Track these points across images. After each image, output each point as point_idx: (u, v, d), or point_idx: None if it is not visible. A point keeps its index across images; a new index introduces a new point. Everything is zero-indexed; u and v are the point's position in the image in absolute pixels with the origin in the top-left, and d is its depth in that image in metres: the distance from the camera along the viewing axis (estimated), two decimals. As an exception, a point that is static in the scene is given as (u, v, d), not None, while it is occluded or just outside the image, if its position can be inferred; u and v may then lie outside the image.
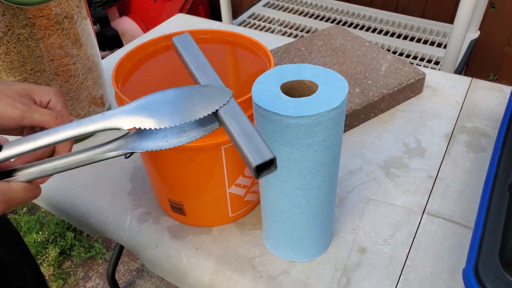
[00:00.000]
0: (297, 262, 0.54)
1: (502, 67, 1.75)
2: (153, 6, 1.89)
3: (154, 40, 0.60)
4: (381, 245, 0.56)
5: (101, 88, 0.75)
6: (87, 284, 1.34)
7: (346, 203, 0.61)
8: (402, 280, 0.52)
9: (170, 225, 0.60)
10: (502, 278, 0.44)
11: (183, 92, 0.36)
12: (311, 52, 0.83)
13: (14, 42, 0.60)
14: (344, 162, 0.67)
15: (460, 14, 1.09)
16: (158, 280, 1.34)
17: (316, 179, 0.45)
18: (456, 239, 0.56)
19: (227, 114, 0.35)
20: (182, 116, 0.34)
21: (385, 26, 1.55)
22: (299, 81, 0.44)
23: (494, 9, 1.62)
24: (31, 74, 0.64)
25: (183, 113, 0.34)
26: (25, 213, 1.54)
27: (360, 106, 0.71)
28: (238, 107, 0.35)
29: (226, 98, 0.35)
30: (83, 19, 0.67)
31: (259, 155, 0.32)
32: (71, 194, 0.66)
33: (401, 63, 0.79)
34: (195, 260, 0.56)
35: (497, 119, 0.73)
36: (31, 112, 0.41)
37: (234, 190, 0.55)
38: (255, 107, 0.42)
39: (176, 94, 0.36)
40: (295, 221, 0.49)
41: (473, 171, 0.65)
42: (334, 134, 0.42)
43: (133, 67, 0.58)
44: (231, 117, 0.34)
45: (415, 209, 0.60)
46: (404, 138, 0.71)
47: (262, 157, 0.31)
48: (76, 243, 1.43)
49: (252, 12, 1.71)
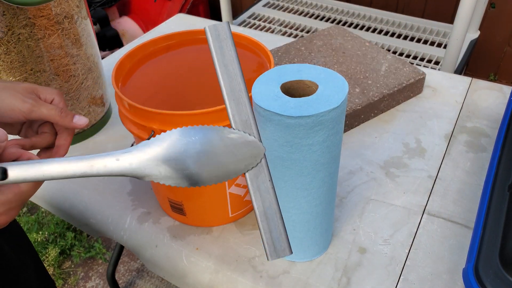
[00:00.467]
0: (297, 262, 0.54)
1: (502, 67, 1.75)
2: (153, 6, 1.89)
3: (154, 40, 0.60)
4: (381, 245, 0.56)
5: (101, 88, 0.75)
6: (87, 284, 1.34)
7: (346, 203, 0.61)
8: (402, 280, 0.52)
9: (170, 225, 0.60)
10: (502, 278, 0.44)
11: (211, 145, 0.32)
12: (311, 52, 0.83)
13: (14, 42, 0.60)
14: (344, 162, 0.67)
15: (460, 14, 1.09)
16: (158, 280, 1.34)
17: (316, 179, 0.45)
18: (456, 239, 0.56)
19: (253, 181, 0.32)
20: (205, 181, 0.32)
21: (385, 26, 1.55)
22: (299, 81, 0.44)
23: (494, 9, 1.62)
24: (31, 74, 0.64)
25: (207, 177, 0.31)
26: (25, 213, 1.54)
27: (360, 106, 0.71)
28: (267, 170, 0.33)
29: (257, 160, 0.32)
30: (83, 19, 0.67)
31: (277, 251, 0.31)
32: (71, 194, 0.66)
33: (401, 63, 0.79)
34: (195, 260, 0.56)
35: (497, 119, 0.73)
36: (39, 106, 0.45)
37: (234, 190, 0.55)
38: (255, 107, 0.42)
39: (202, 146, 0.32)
40: (295, 221, 0.49)
41: (473, 171, 0.65)
42: (334, 134, 0.42)
43: (133, 67, 0.58)
44: (257, 187, 0.32)
45: (415, 209, 0.60)
46: (404, 138, 0.71)
47: (279, 254, 0.31)
48: (76, 243, 1.43)
49: (252, 12, 1.71)
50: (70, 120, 0.46)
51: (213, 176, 0.32)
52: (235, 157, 0.32)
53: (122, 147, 0.72)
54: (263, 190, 0.32)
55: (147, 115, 0.49)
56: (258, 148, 0.32)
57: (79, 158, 0.32)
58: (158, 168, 0.32)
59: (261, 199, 0.32)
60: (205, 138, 0.32)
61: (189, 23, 1.07)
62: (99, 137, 0.75)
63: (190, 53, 0.63)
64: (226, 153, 0.32)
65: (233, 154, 0.32)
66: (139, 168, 0.32)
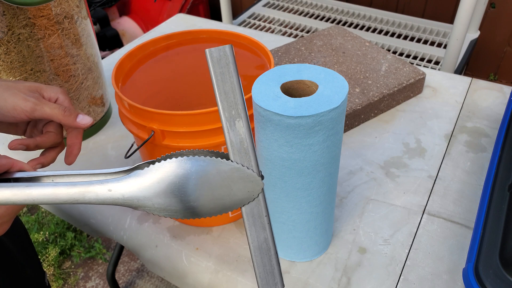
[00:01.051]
0: (297, 262, 0.54)
1: (502, 67, 1.75)
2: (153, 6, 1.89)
3: (154, 40, 0.60)
4: (381, 245, 0.56)
5: (101, 88, 0.75)
6: (87, 284, 1.34)
7: (346, 203, 0.61)
8: (402, 280, 0.52)
9: (170, 225, 0.60)
10: (502, 278, 0.44)
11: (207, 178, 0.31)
12: (311, 52, 0.83)
13: (14, 42, 0.60)
14: (344, 162, 0.67)
15: (460, 14, 1.09)
16: (158, 280, 1.34)
17: (316, 179, 0.45)
18: (456, 239, 0.56)
19: (249, 216, 0.32)
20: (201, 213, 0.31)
21: (385, 26, 1.55)
22: (299, 81, 0.44)
23: (494, 9, 1.62)
24: (31, 74, 0.64)
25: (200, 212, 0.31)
26: (25, 213, 1.54)
27: (360, 106, 0.71)
28: (264, 204, 0.32)
29: (254, 195, 0.31)
30: (83, 19, 0.67)
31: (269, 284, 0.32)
32: (71, 194, 0.66)
33: (401, 63, 0.79)
34: (195, 260, 0.56)
35: (497, 119, 0.73)
36: (41, 105, 0.44)
37: (234, 190, 0.55)
38: (255, 107, 0.42)
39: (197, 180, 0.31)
40: (295, 221, 0.49)
41: (473, 171, 0.65)
42: (334, 134, 0.42)
43: (133, 67, 0.58)
44: (253, 223, 0.32)
45: (415, 209, 0.60)
46: (404, 138, 0.71)
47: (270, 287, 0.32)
48: (76, 243, 1.43)
49: (252, 12, 1.71)
50: (73, 119, 0.46)
51: (210, 209, 0.31)
52: (231, 191, 0.31)
53: (122, 147, 0.72)
54: (258, 226, 0.32)
55: (147, 115, 0.49)
56: (256, 183, 0.31)
57: (71, 185, 0.31)
58: (152, 201, 0.31)
59: (256, 235, 0.32)
60: (202, 172, 0.31)
61: (189, 23, 1.07)
62: (99, 137, 0.75)
63: (190, 53, 0.64)
64: (222, 187, 0.31)
65: (229, 188, 0.31)
66: (132, 200, 0.31)
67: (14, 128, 0.49)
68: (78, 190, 0.31)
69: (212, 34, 0.62)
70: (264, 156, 0.45)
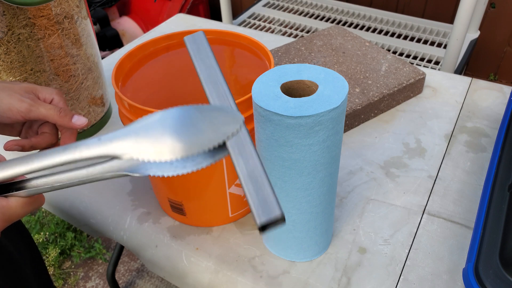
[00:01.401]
0: (297, 262, 0.54)
1: (502, 67, 1.75)
2: (153, 6, 1.89)
3: (154, 40, 0.60)
4: (381, 245, 0.56)
5: (101, 88, 0.75)
6: (87, 284, 1.34)
7: (346, 203, 0.61)
8: (402, 280, 0.52)
9: (170, 225, 0.60)
10: (502, 278, 0.44)
11: (188, 115, 0.31)
12: (311, 52, 0.83)
13: (14, 42, 0.60)
14: (344, 162, 0.67)
15: (460, 14, 1.09)
16: (158, 280, 1.34)
17: (316, 179, 0.45)
18: (456, 239, 0.56)
19: (235, 148, 0.31)
20: (185, 149, 0.30)
21: (385, 26, 1.55)
22: (299, 81, 0.44)
23: (494, 9, 1.62)
24: (31, 74, 0.64)
25: (186, 145, 0.30)
26: (25, 213, 1.54)
27: (360, 106, 0.71)
28: (248, 138, 0.32)
29: (236, 127, 0.31)
30: (83, 19, 0.67)
31: (265, 211, 0.28)
32: (71, 194, 0.66)
33: (401, 63, 0.79)
34: (195, 260, 0.56)
35: (497, 119, 0.73)
36: (37, 106, 0.44)
37: (234, 190, 0.55)
38: (255, 107, 0.42)
39: (179, 118, 0.31)
40: (295, 221, 0.49)
41: (473, 171, 0.65)
42: (334, 134, 0.42)
43: (133, 67, 0.58)
44: (239, 153, 0.31)
45: (415, 209, 0.60)
46: (404, 138, 0.71)
47: (268, 214, 0.28)
48: (76, 243, 1.43)
49: (252, 12, 1.71)
50: (69, 120, 0.46)
51: (194, 144, 0.30)
52: (213, 124, 0.31)
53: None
54: (245, 155, 0.31)
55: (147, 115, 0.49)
56: (235, 115, 0.31)
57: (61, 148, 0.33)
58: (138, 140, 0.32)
59: (244, 163, 0.31)
60: (182, 110, 0.32)
61: (189, 23, 1.07)
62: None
63: (190, 53, 0.63)
64: (203, 119, 0.31)
65: (211, 121, 0.31)
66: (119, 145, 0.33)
67: (9, 129, 0.49)
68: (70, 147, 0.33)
69: (212, 34, 0.62)
70: (264, 156, 0.45)
